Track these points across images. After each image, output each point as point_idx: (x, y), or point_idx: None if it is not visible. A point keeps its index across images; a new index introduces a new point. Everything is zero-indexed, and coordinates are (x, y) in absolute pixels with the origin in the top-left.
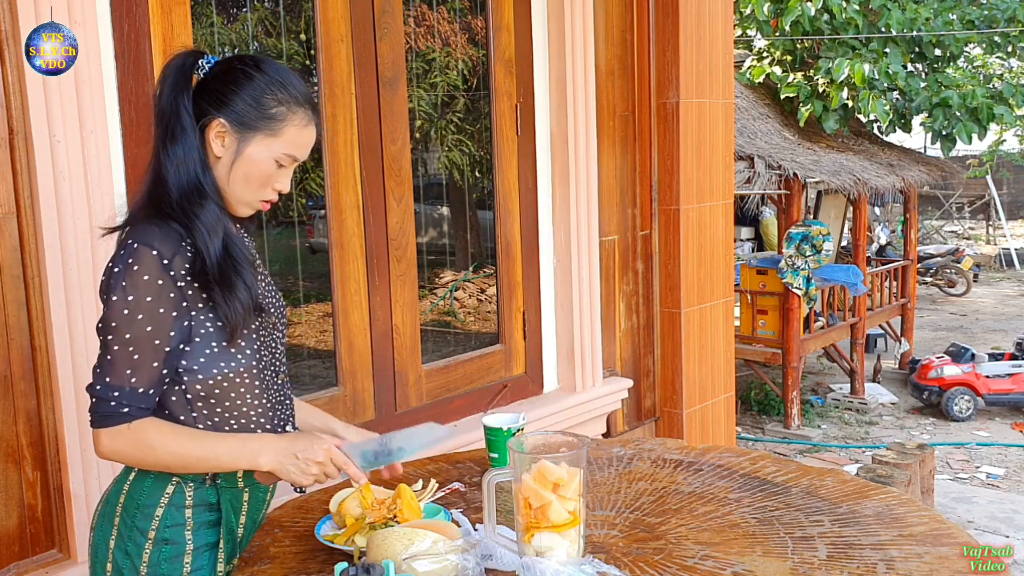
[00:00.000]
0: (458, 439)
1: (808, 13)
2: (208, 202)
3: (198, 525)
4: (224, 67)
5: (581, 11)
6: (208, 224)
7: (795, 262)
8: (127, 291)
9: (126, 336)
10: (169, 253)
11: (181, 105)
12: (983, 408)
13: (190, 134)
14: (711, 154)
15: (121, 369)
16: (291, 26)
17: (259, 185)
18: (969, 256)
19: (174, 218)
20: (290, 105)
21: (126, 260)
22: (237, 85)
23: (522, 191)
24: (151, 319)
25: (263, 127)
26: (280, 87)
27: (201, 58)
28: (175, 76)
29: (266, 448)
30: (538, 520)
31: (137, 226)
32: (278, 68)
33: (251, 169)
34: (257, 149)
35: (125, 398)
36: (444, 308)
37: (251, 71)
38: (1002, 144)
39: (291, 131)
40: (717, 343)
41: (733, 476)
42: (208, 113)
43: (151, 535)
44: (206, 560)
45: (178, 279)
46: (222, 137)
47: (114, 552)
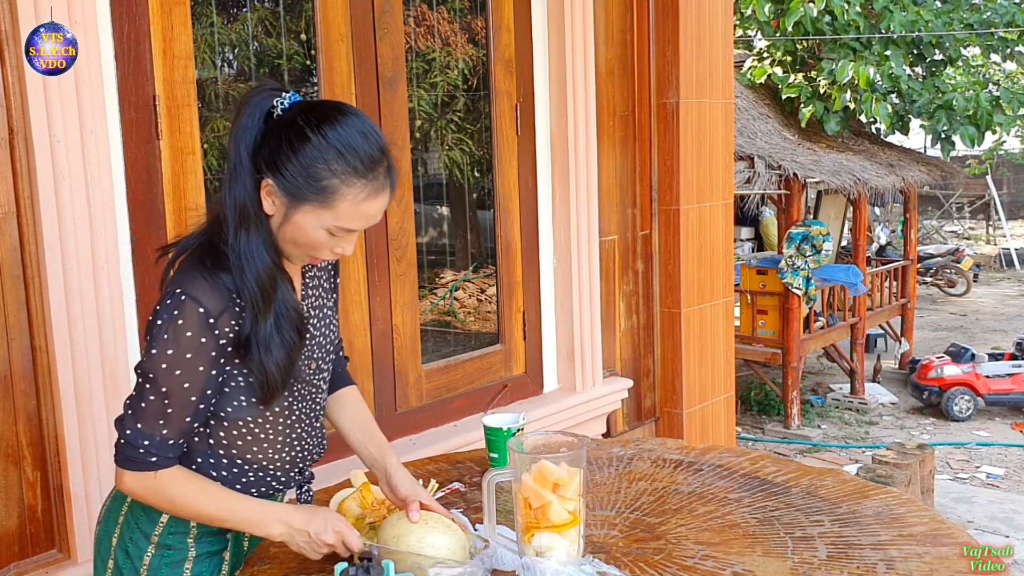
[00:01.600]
0: (458, 439)
1: (810, 14)
2: (266, 259)
3: (202, 533)
4: (290, 118)
5: (581, 11)
6: (263, 284)
7: (795, 262)
8: (168, 344)
9: (162, 389)
10: (216, 311)
11: (243, 150)
12: (983, 408)
13: (247, 184)
14: (711, 154)
15: (153, 419)
16: (291, 26)
17: (310, 249)
18: (969, 256)
19: (227, 269)
20: (347, 177)
21: (172, 312)
22: (291, 147)
23: (522, 191)
24: (189, 375)
25: (312, 198)
26: (338, 157)
27: (280, 96)
28: (247, 116)
29: (282, 520)
30: (538, 520)
31: (190, 274)
32: (344, 131)
33: (298, 235)
34: (305, 219)
35: (154, 447)
36: (444, 308)
37: (310, 132)
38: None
39: (345, 205)
40: (717, 343)
41: (733, 476)
42: (261, 169)
43: (154, 539)
44: (206, 567)
45: (222, 336)
46: (272, 196)
47: (116, 551)
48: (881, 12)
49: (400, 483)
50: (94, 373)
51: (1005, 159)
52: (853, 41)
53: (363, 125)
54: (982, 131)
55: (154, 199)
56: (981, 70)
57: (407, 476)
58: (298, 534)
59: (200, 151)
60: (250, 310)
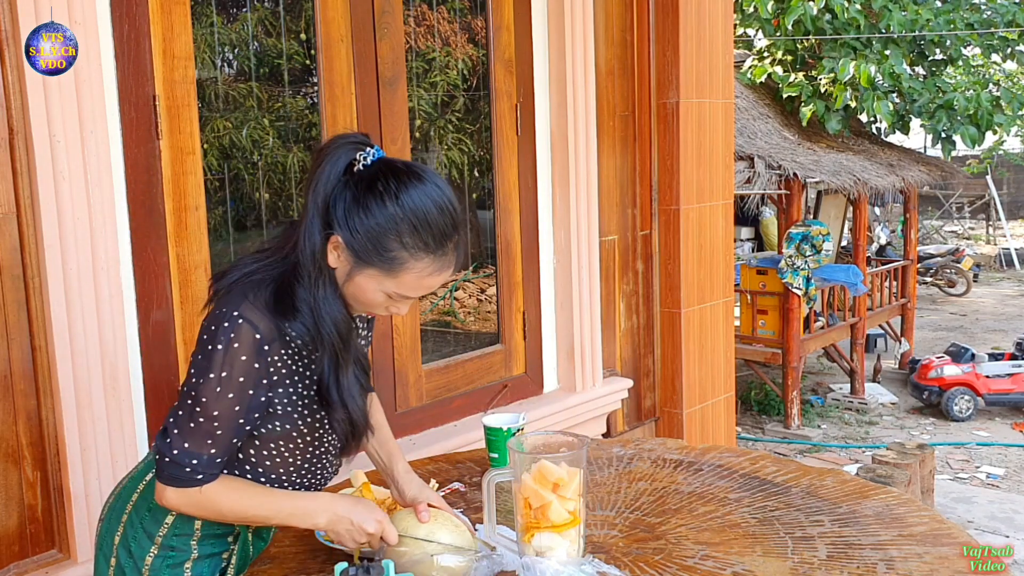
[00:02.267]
0: (458, 439)
1: (810, 13)
2: (340, 307)
3: (205, 536)
4: (370, 177)
5: (581, 11)
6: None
7: (795, 262)
8: (223, 368)
9: (214, 413)
10: (270, 337)
11: (319, 202)
12: (983, 408)
13: (317, 236)
14: (711, 154)
15: (202, 440)
16: (291, 26)
17: (365, 307)
18: (969, 256)
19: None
20: (416, 252)
21: (228, 334)
22: (366, 210)
23: (522, 191)
24: (240, 399)
25: (378, 264)
26: (412, 231)
27: (364, 151)
28: (328, 166)
29: (327, 510)
30: (538, 520)
31: (249, 299)
32: (422, 203)
33: (358, 294)
34: (367, 281)
35: (202, 466)
36: (444, 308)
37: (388, 198)
38: (1003, 144)
39: (410, 277)
40: (717, 343)
41: (733, 476)
42: (331, 224)
43: (157, 540)
44: (206, 567)
45: (271, 365)
46: (338, 251)
47: (118, 548)
48: (880, 11)
49: (407, 486)
50: (94, 373)
51: (1005, 159)
52: (853, 40)
53: (442, 198)
54: (983, 131)
55: (154, 199)
56: (981, 70)
57: (414, 479)
58: (340, 522)
59: (200, 151)
60: (330, 356)
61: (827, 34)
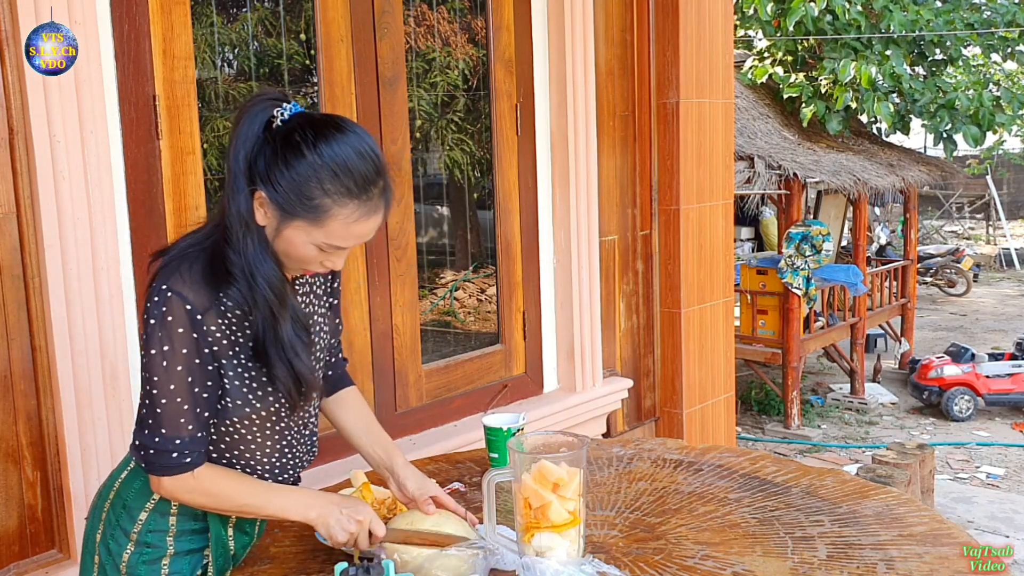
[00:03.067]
0: (458, 439)
1: (811, 13)
2: (272, 266)
3: (181, 532)
4: (288, 131)
5: (581, 11)
6: (276, 290)
7: (795, 262)
8: (163, 343)
9: (170, 387)
10: (201, 307)
11: (241, 160)
12: (983, 408)
13: (244, 194)
14: (711, 154)
15: (174, 419)
16: (291, 26)
17: (298, 262)
18: (969, 256)
19: (234, 278)
20: (339, 198)
21: (161, 309)
22: (286, 162)
23: (522, 191)
24: (189, 370)
25: (303, 215)
26: (332, 177)
27: (280, 106)
28: (247, 125)
29: (317, 504)
30: (538, 520)
31: (178, 273)
32: (342, 150)
33: (289, 250)
34: (295, 234)
35: (186, 447)
36: (444, 308)
37: (306, 149)
38: (1003, 144)
39: (336, 225)
40: (717, 343)
41: (733, 476)
42: (255, 181)
43: (133, 536)
44: (185, 564)
45: (209, 335)
46: (263, 208)
47: (99, 546)
48: (881, 11)
49: (407, 480)
50: (94, 373)
51: (1005, 159)
52: (854, 41)
53: (361, 144)
54: (984, 130)
55: (154, 199)
56: (982, 69)
57: (414, 473)
58: (330, 514)
59: (200, 151)
60: (265, 316)
61: (828, 35)
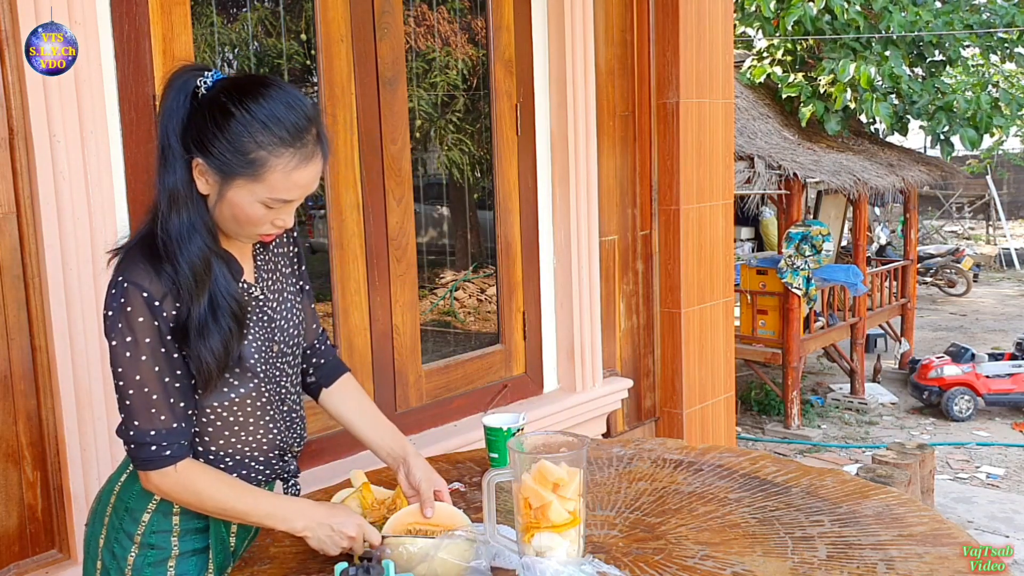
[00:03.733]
0: (458, 439)
1: (810, 13)
2: (200, 243)
3: (184, 532)
4: (214, 96)
5: (581, 11)
6: (196, 269)
7: (795, 262)
8: (125, 333)
9: (136, 378)
10: (159, 293)
11: (171, 133)
12: (983, 408)
13: (179, 165)
14: (711, 154)
15: (145, 411)
16: (291, 26)
17: (250, 225)
18: (969, 256)
19: (164, 257)
20: (274, 148)
21: (119, 300)
22: (216, 124)
23: (522, 191)
24: (155, 359)
25: (242, 172)
26: (263, 129)
27: (202, 75)
28: (172, 98)
29: (305, 514)
30: (538, 520)
31: (131, 262)
32: (267, 103)
33: (236, 212)
34: (238, 194)
35: (163, 439)
36: (444, 308)
37: (233, 107)
38: (1002, 144)
39: (275, 176)
40: (717, 343)
41: (733, 476)
42: (190, 149)
43: (137, 539)
44: (191, 566)
45: (169, 320)
46: (204, 176)
47: (103, 551)
48: (880, 12)
49: (416, 470)
50: (94, 373)
51: (1004, 159)
52: (853, 41)
53: (287, 96)
54: (981, 133)
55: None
56: (981, 70)
57: (424, 464)
58: (320, 527)
59: None
60: (184, 295)
61: (827, 35)
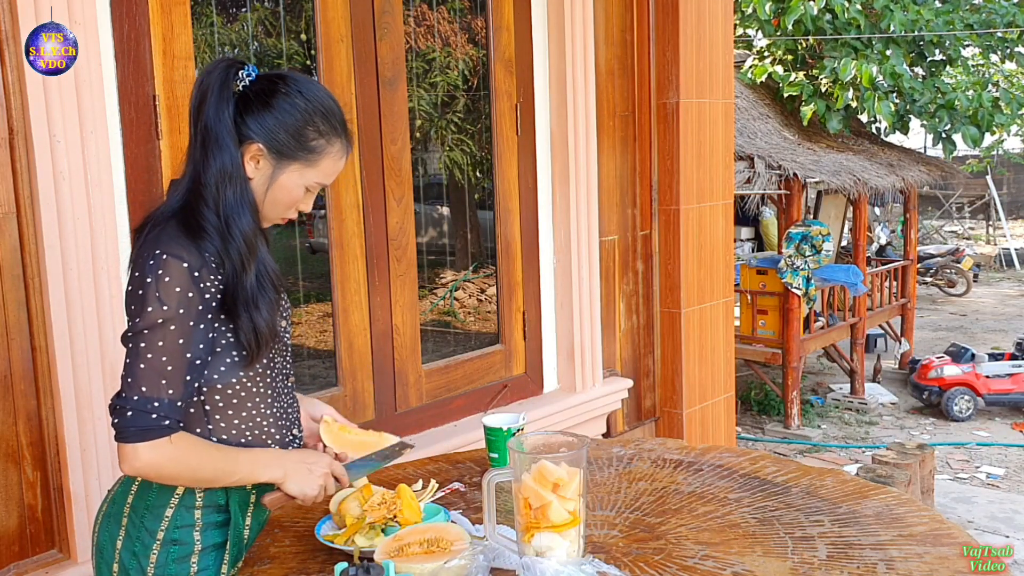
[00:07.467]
0: (458, 439)
1: (811, 12)
2: (249, 220)
3: (207, 526)
4: (267, 87)
5: (581, 11)
6: (248, 243)
7: (795, 262)
8: (161, 301)
9: (159, 344)
10: (197, 265)
11: (224, 119)
12: (983, 408)
13: (232, 150)
14: (711, 154)
15: (156, 379)
16: (291, 26)
17: (285, 208)
18: (969, 256)
19: (207, 233)
20: (329, 136)
21: (156, 271)
22: (281, 112)
23: (522, 191)
24: (182, 331)
25: (301, 158)
26: (323, 117)
27: (242, 69)
28: (219, 88)
29: (281, 461)
30: (538, 520)
31: (169, 236)
32: (321, 95)
33: (281, 195)
34: (291, 177)
35: (164, 410)
36: (444, 308)
37: (296, 99)
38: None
39: (327, 162)
40: (717, 343)
41: (733, 476)
42: (247, 135)
43: (160, 535)
44: (212, 560)
45: (206, 292)
46: (257, 160)
47: (121, 553)
48: (881, 11)
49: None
50: (94, 373)
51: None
52: (854, 40)
53: (326, 89)
54: (983, 131)
55: (154, 199)
56: (981, 69)
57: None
58: (297, 470)
59: None
60: (235, 268)
61: (827, 34)
